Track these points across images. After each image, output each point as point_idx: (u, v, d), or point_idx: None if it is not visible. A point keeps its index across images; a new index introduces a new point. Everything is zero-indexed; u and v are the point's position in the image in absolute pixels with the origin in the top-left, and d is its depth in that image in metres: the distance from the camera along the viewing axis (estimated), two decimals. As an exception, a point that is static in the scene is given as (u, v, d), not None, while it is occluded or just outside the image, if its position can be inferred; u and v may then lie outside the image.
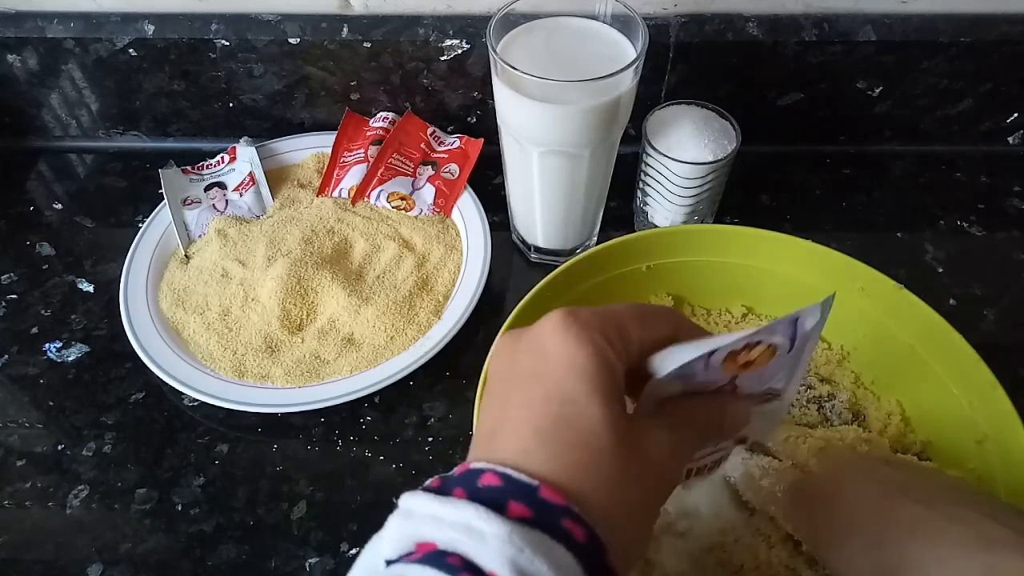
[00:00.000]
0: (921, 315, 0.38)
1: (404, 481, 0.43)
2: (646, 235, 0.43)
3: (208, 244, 0.54)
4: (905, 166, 0.61)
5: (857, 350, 0.43)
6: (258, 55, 0.56)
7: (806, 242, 0.41)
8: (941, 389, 0.37)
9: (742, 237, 0.43)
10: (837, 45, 0.54)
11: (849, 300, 0.41)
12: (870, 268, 0.40)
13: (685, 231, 0.44)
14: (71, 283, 0.54)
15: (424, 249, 0.53)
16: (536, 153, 0.45)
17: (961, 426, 0.36)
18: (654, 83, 0.57)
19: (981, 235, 0.56)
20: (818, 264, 0.41)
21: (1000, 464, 0.34)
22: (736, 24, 0.54)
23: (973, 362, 0.35)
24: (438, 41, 0.55)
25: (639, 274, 0.44)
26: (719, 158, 0.47)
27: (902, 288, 0.38)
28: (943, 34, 0.54)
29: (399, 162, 0.57)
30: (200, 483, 0.44)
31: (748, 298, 0.46)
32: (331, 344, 0.48)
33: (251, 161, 0.58)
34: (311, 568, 0.40)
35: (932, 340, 0.38)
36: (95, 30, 0.56)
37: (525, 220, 0.53)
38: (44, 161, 0.63)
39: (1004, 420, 0.33)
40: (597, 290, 0.43)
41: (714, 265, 0.44)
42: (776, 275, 0.43)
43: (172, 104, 0.60)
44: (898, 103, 0.58)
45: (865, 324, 0.41)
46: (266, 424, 0.46)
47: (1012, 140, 0.61)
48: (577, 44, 0.44)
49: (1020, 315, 0.51)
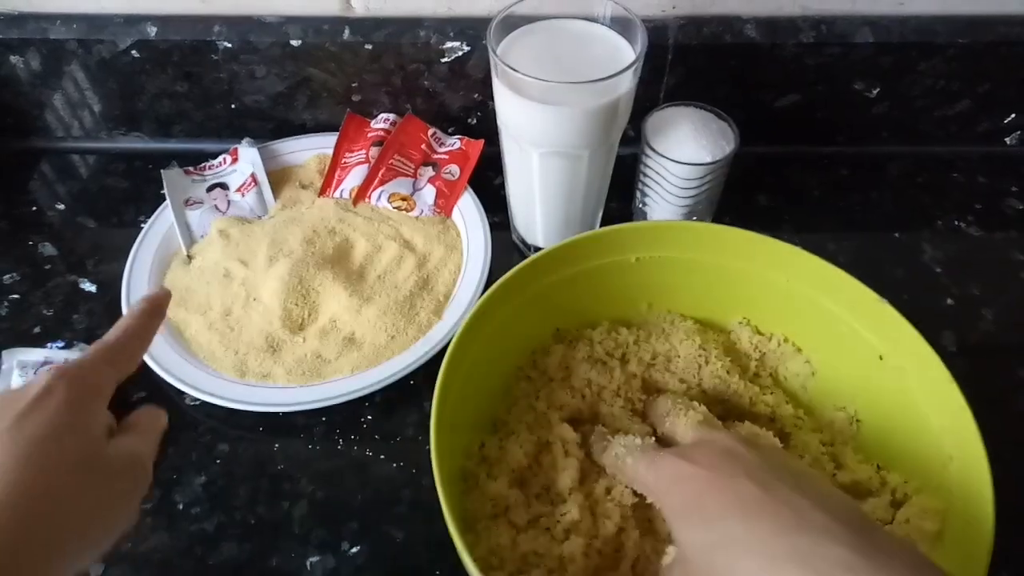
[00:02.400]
0: (900, 330, 0.37)
1: (404, 481, 0.44)
2: (634, 226, 0.42)
3: (210, 244, 0.54)
4: (903, 167, 0.61)
5: (824, 363, 0.43)
6: (260, 57, 0.57)
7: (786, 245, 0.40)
8: (911, 406, 0.37)
9: (732, 237, 0.41)
10: (835, 47, 0.55)
11: (824, 306, 0.40)
12: (853, 279, 0.39)
13: (673, 225, 0.43)
14: (73, 283, 0.54)
15: (425, 249, 0.54)
16: (536, 154, 0.45)
17: (929, 443, 0.36)
18: (653, 85, 0.57)
19: (979, 235, 0.56)
20: (804, 270, 0.40)
21: (960, 485, 0.34)
22: (734, 26, 0.55)
23: (946, 382, 0.35)
24: (439, 43, 0.55)
25: (627, 265, 0.43)
26: (717, 159, 0.48)
27: (883, 301, 0.38)
28: (940, 35, 0.54)
29: (400, 163, 0.58)
30: (202, 482, 0.44)
31: (743, 305, 0.45)
32: (332, 344, 0.48)
33: (253, 162, 0.58)
34: (312, 567, 0.41)
35: (908, 355, 0.37)
36: (98, 31, 0.56)
37: (525, 221, 0.53)
38: (47, 162, 0.63)
39: (969, 442, 0.34)
40: (579, 278, 0.42)
41: (704, 264, 0.43)
42: (760, 279, 0.42)
43: (175, 105, 0.61)
44: (896, 104, 0.59)
45: (835, 331, 0.41)
46: (267, 423, 0.46)
47: (1009, 141, 0.61)
48: (577, 46, 0.44)
49: (1018, 315, 0.51)
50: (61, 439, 0.26)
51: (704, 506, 0.29)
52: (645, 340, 0.44)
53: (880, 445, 0.39)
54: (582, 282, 0.43)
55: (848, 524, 0.26)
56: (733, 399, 0.42)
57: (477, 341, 0.38)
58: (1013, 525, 0.32)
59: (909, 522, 0.35)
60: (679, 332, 0.44)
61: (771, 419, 0.42)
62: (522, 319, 0.41)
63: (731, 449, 0.31)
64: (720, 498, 0.29)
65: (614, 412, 0.40)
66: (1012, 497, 0.32)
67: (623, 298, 0.45)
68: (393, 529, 0.42)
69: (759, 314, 0.45)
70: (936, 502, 0.35)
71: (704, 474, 0.30)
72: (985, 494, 0.32)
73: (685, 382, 0.42)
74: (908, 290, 0.52)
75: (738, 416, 0.42)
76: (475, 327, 0.38)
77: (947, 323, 0.50)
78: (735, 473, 0.30)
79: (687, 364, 0.42)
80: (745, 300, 0.44)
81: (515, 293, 0.40)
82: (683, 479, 0.31)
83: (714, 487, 0.30)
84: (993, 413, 0.35)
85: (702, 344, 0.43)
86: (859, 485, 0.38)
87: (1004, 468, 0.33)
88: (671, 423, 0.37)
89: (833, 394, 0.42)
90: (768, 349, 0.44)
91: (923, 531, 0.34)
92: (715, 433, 0.34)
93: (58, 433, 0.26)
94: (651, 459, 0.34)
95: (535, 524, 0.36)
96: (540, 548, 0.34)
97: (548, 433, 0.39)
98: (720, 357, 0.42)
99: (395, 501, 0.43)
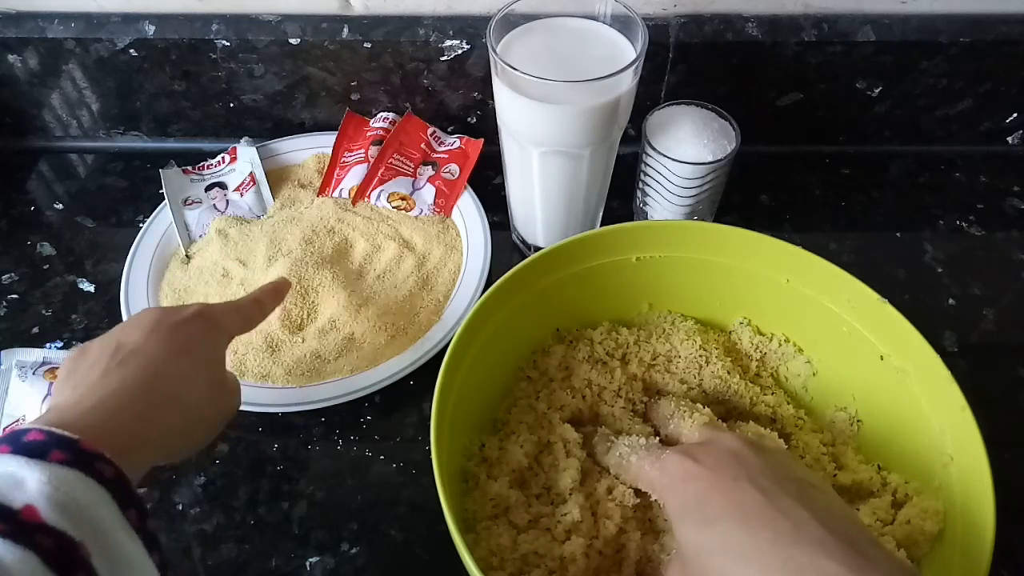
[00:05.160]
0: (901, 331, 0.37)
1: (404, 480, 0.44)
2: (634, 226, 0.42)
3: (209, 244, 0.54)
4: (904, 166, 0.61)
5: (825, 363, 0.43)
6: (259, 55, 0.57)
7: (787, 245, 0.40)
8: (912, 406, 0.37)
9: (733, 236, 0.41)
10: (836, 45, 0.54)
11: (825, 306, 0.40)
12: (854, 279, 0.38)
13: (674, 225, 0.43)
14: (72, 283, 0.54)
15: (424, 249, 0.53)
16: (536, 153, 0.45)
17: (930, 444, 0.36)
18: (654, 83, 0.57)
19: (980, 235, 0.56)
20: (805, 270, 0.40)
21: (960, 485, 0.34)
22: (736, 24, 0.54)
23: (947, 382, 0.35)
24: (438, 41, 0.55)
25: (627, 265, 0.43)
26: (719, 158, 0.48)
27: (885, 301, 0.38)
28: (942, 34, 0.54)
29: (399, 162, 0.57)
30: (201, 482, 0.44)
31: (743, 305, 0.45)
32: (331, 344, 0.48)
33: (252, 161, 0.58)
34: (312, 567, 0.40)
35: (909, 355, 0.37)
36: (96, 30, 0.56)
37: (525, 220, 0.53)
38: (45, 161, 0.63)
39: (969, 443, 0.33)
40: (580, 278, 0.42)
41: (704, 264, 0.43)
42: (761, 279, 0.42)
43: (173, 104, 0.60)
44: (897, 103, 0.59)
45: (836, 331, 0.40)
46: (267, 423, 0.46)
47: (1011, 140, 0.61)
48: (577, 44, 0.44)
49: (1019, 315, 0.51)
50: (199, 353, 0.36)
51: (704, 507, 0.29)
52: (646, 340, 0.44)
53: (881, 445, 0.39)
54: (582, 282, 0.43)
55: (845, 539, 0.26)
56: (734, 399, 0.42)
57: (477, 341, 0.38)
58: (1013, 525, 0.32)
59: (910, 523, 0.35)
60: (680, 332, 0.44)
61: (772, 419, 0.42)
62: (522, 319, 0.41)
63: (736, 451, 0.31)
64: (720, 500, 0.29)
65: (615, 413, 0.40)
66: (1012, 497, 0.32)
67: (623, 298, 0.45)
68: (393, 529, 0.42)
69: (760, 314, 0.45)
70: (937, 503, 0.35)
71: (707, 475, 0.30)
72: (985, 494, 0.32)
73: (686, 383, 0.42)
74: (909, 290, 0.52)
75: (739, 417, 0.42)
76: (475, 327, 0.38)
77: (948, 323, 0.50)
78: (738, 476, 0.29)
79: (688, 364, 0.42)
80: (746, 300, 0.44)
81: (515, 293, 0.40)
82: (687, 478, 0.31)
83: (715, 489, 0.30)
84: (993, 413, 0.35)
85: (703, 344, 0.43)
86: (860, 486, 0.38)
87: (1004, 468, 0.33)
88: (676, 425, 0.37)
89: (834, 394, 0.42)
90: (769, 349, 0.44)
91: (924, 532, 0.34)
92: (720, 434, 0.34)
93: (199, 347, 0.36)
94: (656, 456, 0.34)
95: (536, 524, 0.36)
96: (541, 548, 0.34)
97: (548, 433, 0.39)
98: (721, 357, 0.42)
99: (395, 501, 0.43)
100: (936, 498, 0.35)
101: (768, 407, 0.42)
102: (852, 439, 0.41)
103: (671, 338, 0.43)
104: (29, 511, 0.23)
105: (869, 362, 0.39)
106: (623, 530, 0.35)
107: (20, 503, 0.24)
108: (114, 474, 0.26)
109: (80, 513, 0.24)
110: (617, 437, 0.37)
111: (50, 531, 0.23)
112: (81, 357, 0.34)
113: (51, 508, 0.24)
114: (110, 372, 0.32)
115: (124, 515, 0.26)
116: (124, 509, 0.26)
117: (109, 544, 0.25)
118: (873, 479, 0.38)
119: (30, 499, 0.24)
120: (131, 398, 0.31)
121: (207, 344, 0.37)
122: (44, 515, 0.24)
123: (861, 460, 0.39)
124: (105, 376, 0.31)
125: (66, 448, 0.26)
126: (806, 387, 0.43)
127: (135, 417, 0.30)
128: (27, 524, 0.23)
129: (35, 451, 0.25)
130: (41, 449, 0.25)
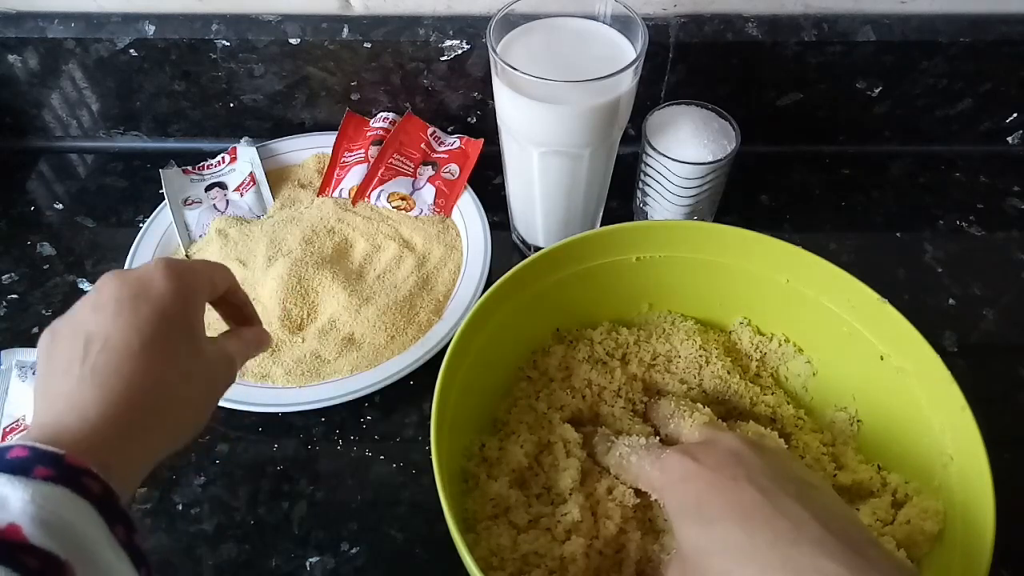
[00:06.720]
0: (901, 331, 0.37)
1: (404, 481, 0.44)
2: (634, 226, 0.42)
3: (209, 244, 0.54)
4: (904, 166, 0.61)
5: (825, 363, 0.43)
6: (259, 55, 0.57)
7: (787, 245, 0.40)
8: (912, 406, 0.37)
9: (733, 236, 0.41)
10: (836, 45, 0.54)
11: (825, 306, 0.40)
12: (854, 279, 0.38)
13: (674, 225, 0.43)
14: (72, 283, 0.54)
15: (424, 249, 0.53)
16: (536, 153, 0.45)
17: (930, 444, 0.36)
18: (654, 83, 0.57)
19: (980, 235, 0.56)
20: (805, 270, 0.40)
21: (960, 485, 0.34)
22: (736, 24, 0.54)
23: (946, 382, 0.35)
24: (438, 41, 0.55)
25: (627, 265, 0.43)
26: (719, 158, 0.48)
27: (884, 301, 0.38)
28: (942, 34, 0.54)
29: (399, 162, 0.57)
30: (201, 483, 0.44)
31: (743, 305, 0.45)
32: (331, 344, 0.48)
33: (252, 161, 0.58)
34: (312, 567, 0.40)
35: (909, 355, 0.37)
36: (96, 30, 0.56)
37: (525, 220, 0.53)
38: (45, 161, 0.63)
39: (969, 443, 0.33)
40: (580, 278, 0.42)
41: (704, 264, 0.43)
42: (761, 279, 0.42)
43: (173, 104, 0.60)
44: (897, 103, 0.59)
45: (836, 331, 0.40)
46: (266, 424, 0.46)
47: (1011, 140, 0.61)
48: (577, 44, 0.44)
49: (1020, 315, 0.51)
50: (174, 332, 0.32)
51: (704, 506, 0.29)
52: (646, 340, 0.44)
53: (881, 445, 0.39)
54: (582, 282, 0.43)
55: (845, 539, 0.26)
56: (734, 399, 0.42)
57: (477, 341, 0.38)
58: (1013, 525, 0.32)
59: (910, 523, 0.35)
60: (680, 332, 0.44)
61: (772, 419, 0.42)
62: (522, 319, 0.41)
63: (736, 451, 0.31)
64: (720, 500, 0.29)
65: (615, 413, 0.40)
66: (1012, 497, 0.32)
67: (623, 298, 0.45)
68: (393, 529, 0.42)
69: (760, 314, 0.45)
70: (937, 503, 0.35)
71: (707, 474, 0.30)
72: (985, 494, 0.32)
73: (686, 383, 0.42)
74: (909, 290, 0.52)
75: (739, 417, 0.42)
76: (475, 327, 0.38)
77: (948, 323, 0.50)
78: (737, 476, 0.30)
79: (688, 364, 0.42)
80: (746, 300, 0.44)
81: (515, 293, 0.40)
82: (687, 478, 0.31)
83: (715, 488, 0.30)
84: (993, 413, 0.35)
85: (703, 344, 0.43)
86: (860, 486, 0.38)
87: (1004, 468, 0.33)
88: (676, 425, 0.37)
89: (834, 394, 0.42)
90: (769, 349, 0.44)
91: (924, 532, 0.34)
92: (720, 434, 0.34)
93: (171, 326, 0.31)
94: (657, 456, 0.34)
95: (536, 524, 0.36)
96: (541, 549, 0.34)
97: (548, 433, 0.39)
98: (721, 357, 0.42)
99: (395, 501, 0.43)
100: (936, 498, 0.35)
101: (768, 407, 0.42)
102: (852, 439, 0.41)
103: (671, 338, 0.43)
104: (12, 530, 0.23)
105: (869, 362, 0.39)
106: (623, 530, 0.36)
107: (3, 522, 0.23)
108: (100, 489, 0.26)
109: (65, 531, 0.24)
110: (617, 437, 0.37)
111: (34, 551, 0.23)
112: (49, 357, 0.31)
113: (35, 527, 0.23)
114: (84, 379, 0.29)
115: (111, 531, 0.25)
116: (111, 525, 0.25)
117: (95, 562, 0.24)
118: (873, 479, 0.38)
119: (13, 518, 0.23)
120: (111, 405, 0.29)
121: (180, 318, 0.32)
122: (28, 534, 0.23)
123: (861, 460, 0.39)
124: (80, 383, 0.29)
125: (51, 464, 0.25)
126: (806, 387, 0.43)
127: (119, 426, 0.29)
128: (11, 544, 0.23)
129: (18, 468, 0.25)
130: (24, 466, 0.25)
